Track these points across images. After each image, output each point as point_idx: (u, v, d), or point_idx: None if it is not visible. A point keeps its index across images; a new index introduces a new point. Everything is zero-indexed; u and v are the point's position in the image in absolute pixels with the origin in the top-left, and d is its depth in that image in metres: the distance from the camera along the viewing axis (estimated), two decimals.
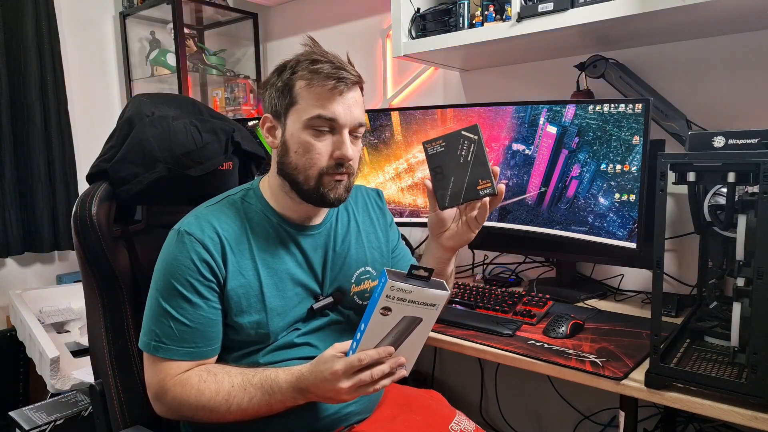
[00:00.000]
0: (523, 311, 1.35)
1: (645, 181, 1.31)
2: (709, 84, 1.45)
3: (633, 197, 1.34)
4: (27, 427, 1.52)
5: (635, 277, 1.61)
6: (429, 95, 2.04)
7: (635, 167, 1.33)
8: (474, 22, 1.51)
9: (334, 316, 1.04)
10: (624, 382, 1.01)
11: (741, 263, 0.96)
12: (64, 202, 2.23)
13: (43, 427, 1.53)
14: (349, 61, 0.96)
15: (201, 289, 0.91)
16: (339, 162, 0.95)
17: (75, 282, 2.27)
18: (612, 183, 1.37)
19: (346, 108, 0.93)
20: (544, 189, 1.50)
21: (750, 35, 1.38)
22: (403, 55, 1.64)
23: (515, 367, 1.16)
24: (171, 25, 2.36)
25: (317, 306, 1.01)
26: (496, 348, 1.18)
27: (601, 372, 1.04)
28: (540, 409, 1.87)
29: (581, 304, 1.47)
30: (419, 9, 1.64)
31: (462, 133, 0.98)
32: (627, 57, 1.54)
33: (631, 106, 1.31)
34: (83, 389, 1.71)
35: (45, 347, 1.73)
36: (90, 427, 1.06)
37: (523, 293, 1.45)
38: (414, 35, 1.64)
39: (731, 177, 0.93)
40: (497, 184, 0.97)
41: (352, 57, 0.98)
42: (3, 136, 2.09)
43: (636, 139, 1.31)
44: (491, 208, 0.99)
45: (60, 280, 2.35)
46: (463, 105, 1.64)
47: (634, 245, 1.35)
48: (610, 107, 1.35)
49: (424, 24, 1.62)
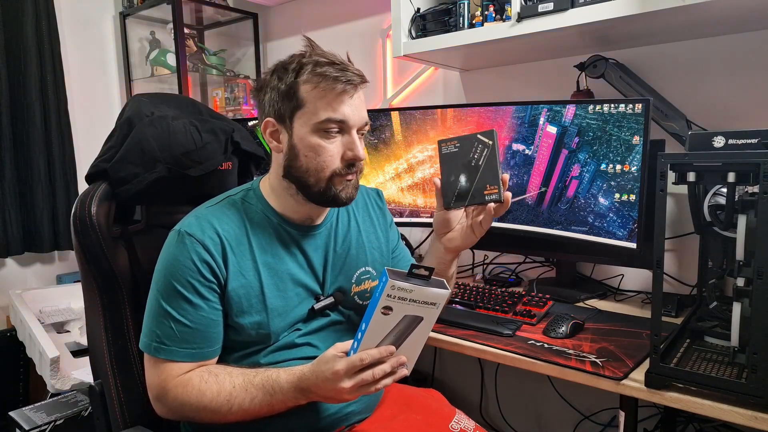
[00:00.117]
0: (523, 311, 1.35)
1: (645, 181, 1.31)
2: (709, 84, 1.45)
3: (633, 197, 1.34)
4: (27, 427, 1.51)
5: (635, 277, 1.61)
6: (429, 95, 2.04)
7: (635, 167, 1.33)
8: (474, 22, 1.51)
9: (334, 316, 1.04)
10: (624, 382, 1.01)
11: (741, 263, 0.96)
12: (64, 202, 2.22)
13: (43, 427, 1.53)
14: (349, 61, 0.96)
15: (202, 290, 0.91)
16: (350, 162, 0.95)
17: (75, 282, 2.27)
18: (612, 183, 1.37)
19: (354, 109, 0.94)
20: (544, 189, 1.50)
21: (750, 35, 1.38)
22: (403, 55, 1.64)
23: (515, 367, 1.16)
24: (171, 25, 2.35)
25: (318, 306, 1.01)
26: (496, 348, 1.18)
27: (601, 372, 1.04)
28: (540, 409, 1.87)
29: (581, 304, 1.47)
30: (419, 9, 1.64)
31: (477, 137, 0.98)
32: (627, 57, 1.54)
33: (631, 106, 1.31)
34: (83, 389, 1.71)
35: (45, 347, 1.73)
36: (90, 427, 1.05)
37: (523, 293, 1.45)
38: (414, 35, 1.64)
39: (731, 177, 0.93)
40: (505, 191, 0.97)
41: (352, 57, 0.98)
42: (3, 136, 2.09)
43: (636, 139, 1.31)
44: (496, 214, 0.99)
45: (60, 280, 2.35)
46: (463, 105, 1.64)
47: (634, 245, 1.35)
48: (610, 107, 1.35)
49: (424, 24, 1.62)
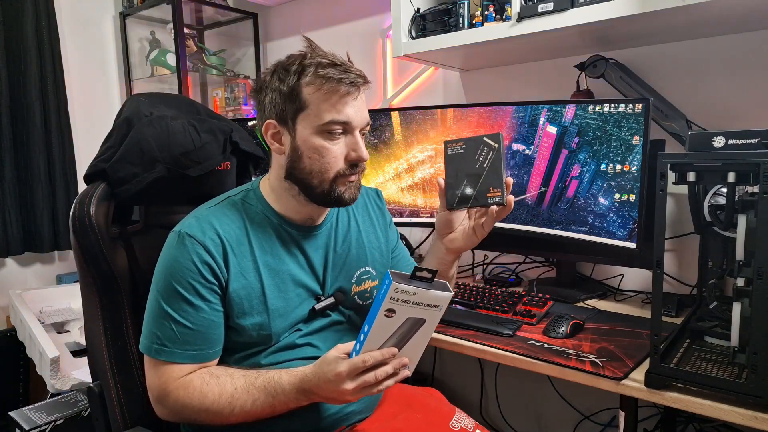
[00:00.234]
0: (523, 311, 1.35)
1: (645, 181, 1.31)
2: (709, 84, 1.45)
3: (633, 197, 1.34)
4: (27, 427, 1.51)
5: (635, 277, 1.60)
6: (429, 95, 2.04)
7: (635, 167, 1.33)
8: (474, 22, 1.51)
9: (335, 316, 1.04)
10: (624, 382, 1.01)
11: (741, 263, 0.96)
12: (64, 202, 2.22)
13: (43, 427, 1.53)
14: (350, 61, 0.96)
15: (203, 292, 0.91)
16: (354, 163, 0.95)
17: (75, 282, 2.27)
18: (612, 183, 1.37)
19: (357, 110, 0.94)
20: (544, 189, 1.50)
21: (750, 35, 1.38)
22: (403, 55, 1.64)
23: (515, 367, 1.16)
24: (171, 25, 2.35)
25: (319, 307, 1.01)
26: (496, 348, 1.18)
27: (601, 372, 1.04)
28: (540, 409, 1.87)
29: (581, 304, 1.47)
30: (419, 9, 1.64)
31: (483, 139, 0.99)
32: (627, 57, 1.54)
33: (631, 106, 1.31)
34: (83, 389, 1.71)
35: (45, 347, 1.73)
36: (90, 428, 1.05)
37: (523, 293, 1.45)
38: (414, 35, 1.64)
39: (731, 177, 0.93)
40: (508, 195, 0.97)
41: (352, 57, 0.98)
42: (3, 136, 2.09)
43: (636, 139, 1.31)
44: (498, 217, 0.99)
45: (60, 280, 2.35)
46: (463, 105, 1.64)
47: (634, 245, 1.35)
48: (610, 107, 1.35)
49: (424, 24, 1.62)
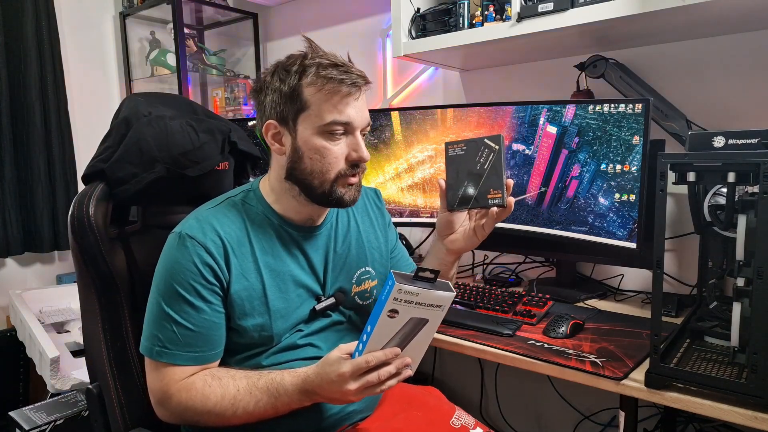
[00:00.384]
0: (523, 311, 1.35)
1: (645, 181, 1.31)
2: (709, 84, 1.45)
3: (633, 197, 1.34)
4: (27, 427, 1.51)
5: (635, 277, 1.60)
6: (429, 95, 2.04)
7: (635, 167, 1.33)
8: (474, 22, 1.50)
9: (335, 316, 1.04)
10: (624, 382, 1.01)
11: (741, 263, 0.96)
12: (64, 202, 2.23)
13: (43, 427, 1.53)
14: (350, 61, 0.96)
15: (204, 293, 0.91)
16: (355, 163, 0.95)
17: (75, 282, 2.25)
18: (612, 183, 1.37)
19: (358, 111, 0.94)
20: (544, 189, 1.50)
21: (750, 35, 1.38)
22: (403, 55, 1.64)
23: (515, 367, 1.16)
24: (171, 25, 2.35)
25: (319, 307, 1.01)
26: (496, 348, 1.18)
27: (601, 372, 1.04)
28: (540, 409, 1.87)
29: (581, 304, 1.47)
30: (419, 9, 1.64)
31: (484, 141, 0.99)
32: (627, 57, 1.54)
33: (631, 106, 1.31)
34: (83, 389, 1.71)
35: (45, 347, 1.73)
36: (90, 428, 1.05)
37: (523, 293, 1.45)
38: (414, 35, 1.64)
39: (731, 177, 0.93)
40: (508, 196, 0.97)
41: (352, 57, 0.97)
42: (3, 136, 2.09)
43: (636, 139, 1.31)
44: (498, 218, 0.99)
45: (60, 280, 2.35)
46: (463, 105, 1.64)
47: (634, 245, 1.35)
48: (610, 107, 1.35)
49: (424, 24, 1.62)
